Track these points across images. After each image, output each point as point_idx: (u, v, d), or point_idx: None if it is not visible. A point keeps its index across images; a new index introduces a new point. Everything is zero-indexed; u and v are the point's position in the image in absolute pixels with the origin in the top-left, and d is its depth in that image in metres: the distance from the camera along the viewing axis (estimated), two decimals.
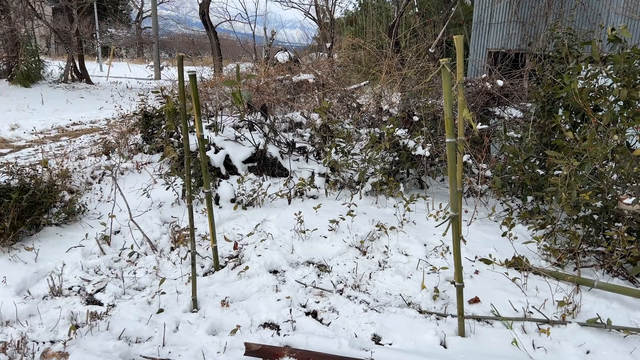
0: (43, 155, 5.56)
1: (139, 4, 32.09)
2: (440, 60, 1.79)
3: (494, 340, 2.16)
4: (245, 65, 9.18)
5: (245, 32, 15.78)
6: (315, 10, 16.76)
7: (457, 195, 2.01)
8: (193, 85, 2.31)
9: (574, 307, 2.34)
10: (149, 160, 4.87)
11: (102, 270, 2.90)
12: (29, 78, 12.55)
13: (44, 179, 3.58)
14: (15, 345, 2.08)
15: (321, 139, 4.57)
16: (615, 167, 2.87)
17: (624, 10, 5.83)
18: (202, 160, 2.59)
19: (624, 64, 2.94)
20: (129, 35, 29.84)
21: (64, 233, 3.36)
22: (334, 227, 3.32)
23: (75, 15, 14.60)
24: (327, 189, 4.07)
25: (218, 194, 3.85)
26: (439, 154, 4.04)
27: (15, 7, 13.12)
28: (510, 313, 2.37)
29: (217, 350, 2.10)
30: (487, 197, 4.01)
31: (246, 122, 4.66)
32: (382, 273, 2.82)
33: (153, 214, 3.68)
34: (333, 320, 2.34)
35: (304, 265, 2.95)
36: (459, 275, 2.11)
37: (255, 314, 2.39)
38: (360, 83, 6.48)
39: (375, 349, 2.07)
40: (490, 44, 7.20)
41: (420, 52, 6.67)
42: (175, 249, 3.16)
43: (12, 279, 2.67)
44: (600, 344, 2.10)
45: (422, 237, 3.28)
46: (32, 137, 7.41)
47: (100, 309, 2.44)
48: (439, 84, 4.88)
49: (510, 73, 5.25)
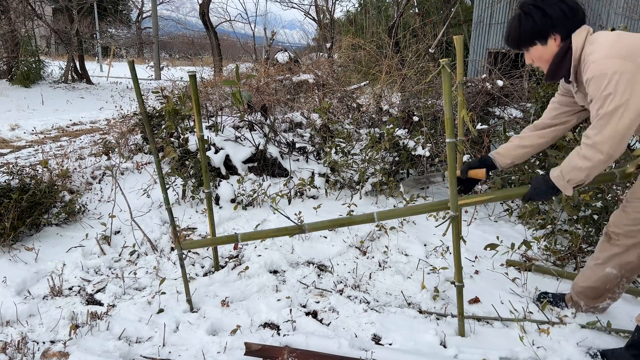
0: (43, 155, 5.56)
1: (139, 4, 32.11)
2: (440, 61, 1.79)
3: (494, 341, 2.16)
4: (245, 65, 9.19)
5: (245, 33, 15.80)
6: (315, 10, 16.77)
7: (457, 195, 2.01)
8: (193, 85, 2.31)
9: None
10: (149, 160, 4.88)
11: (102, 270, 2.91)
12: (29, 78, 12.55)
13: (44, 179, 3.59)
14: (16, 345, 2.08)
15: (321, 139, 4.57)
16: (615, 167, 2.87)
17: (624, 11, 5.84)
18: (202, 161, 2.60)
19: None
20: (129, 36, 29.85)
21: (64, 233, 3.37)
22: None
23: (75, 16, 14.61)
24: (327, 189, 4.08)
25: (218, 194, 3.86)
26: (439, 154, 4.05)
27: (16, 8, 13.13)
28: (511, 312, 2.37)
29: (217, 350, 2.10)
30: None
31: (246, 122, 4.66)
32: (382, 273, 2.82)
33: (153, 214, 3.68)
34: (333, 320, 2.34)
35: (304, 265, 2.95)
36: (459, 275, 2.11)
37: (255, 314, 2.39)
38: (360, 83, 6.48)
39: (376, 349, 2.07)
40: (490, 44, 7.20)
41: (420, 52, 6.68)
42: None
43: (12, 279, 2.67)
44: (601, 345, 2.10)
45: (422, 237, 3.28)
46: (32, 137, 7.41)
47: (101, 309, 2.44)
48: (439, 84, 4.88)
49: (510, 73, 5.25)
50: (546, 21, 1.70)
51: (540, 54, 1.78)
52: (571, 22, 1.70)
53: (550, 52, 1.76)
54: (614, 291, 2.12)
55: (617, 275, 2.05)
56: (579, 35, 1.69)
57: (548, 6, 1.69)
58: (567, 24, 1.70)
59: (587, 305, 2.24)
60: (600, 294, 2.14)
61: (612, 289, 2.11)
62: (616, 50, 1.60)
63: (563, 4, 1.69)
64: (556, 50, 1.75)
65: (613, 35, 1.66)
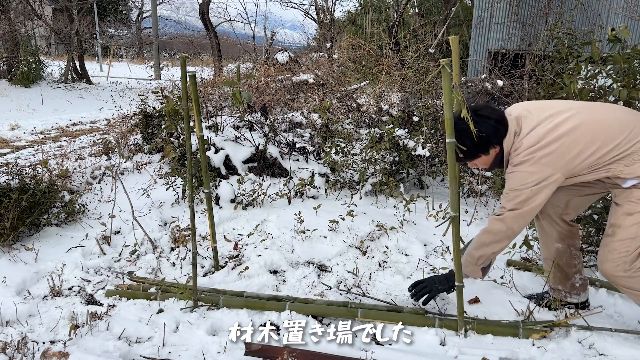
0: (43, 155, 5.56)
1: (139, 4, 32.10)
2: (440, 61, 1.79)
3: (494, 341, 2.16)
4: (245, 65, 9.19)
5: (245, 33, 15.81)
6: (315, 10, 16.76)
7: (457, 195, 2.01)
8: (193, 85, 2.31)
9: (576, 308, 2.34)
10: (149, 160, 4.88)
11: (102, 271, 2.91)
12: (29, 78, 12.54)
13: (44, 179, 3.59)
14: (16, 345, 2.08)
15: (321, 139, 4.57)
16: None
17: (624, 11, 5.83)
18: (202, 161, 2.60)
19: (624, 64, 2.94)
20: (129, 36, 29.86)
21: (64, 233, 3.37)
22: (334, 227, 3.32)
23: (75, 16, 14.60)
24: (327, 189, 4.08)
25: (218, 194, 3.85)
26: (439, 154, 4.04)
27: (15, 8, 13.13)
28: (511, 313, 2.37)
29: (217, 350, 2.10)
30: (487, 197, 4.01)
31: (246, 122, 4.66)
32: (382, 273, 2.82)
33: (153, 214, 3.68)
34: (333, 320, 2.34)
35: (304, 266, 2.95)
36: (459, 275, 2.11)
37: (255, 314, 2.38)
38: (360, 83, 6.48)
39: (376, 349, 2.07)
40: (490, 44, 7.20)
41: (420, 52, 6.67)
42: (175, 249, 3.16)
43: (12, 279, 2.67)
44: (603, 345, 2.10)
45: (422, 237, 3.28)
46: (32, 137, 7.41)
47: (100, 309, 2.44)
48: (439, 84, 4.88)
49: (510, 73, 5.25)
50: (485, 139, 1.99)
51: (484, 161, 2.10)
52: (502, 132, 2.00)
53: (492, 158, 2.08)
54: (573, 264, 2.30)
55: (564, 247, 2.26)
56: (507, 140, 2.00)
57: (482, 126, 1.97)
58: (499, 135, 2.00)
59: (564, 288, 2.35)
60: (565, 270, 2.31)
61: (569, 262, 2.29)
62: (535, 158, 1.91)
63: (491, 120, 2.00)
64: (495, 155, 2.07)
65: (534, 136, 1.93)
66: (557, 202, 2.19)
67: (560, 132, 1.89)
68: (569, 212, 2.23)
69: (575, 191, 2.17)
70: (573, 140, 1.89)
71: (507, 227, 2.02)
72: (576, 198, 2.19)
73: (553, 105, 2.04)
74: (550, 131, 1.90)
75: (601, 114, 1.98)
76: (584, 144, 1.88)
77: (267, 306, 2.39)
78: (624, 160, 1.89)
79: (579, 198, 2.20)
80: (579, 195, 2.19)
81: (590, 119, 1.94)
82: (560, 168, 1.90)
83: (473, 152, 2.05)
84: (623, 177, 1.91)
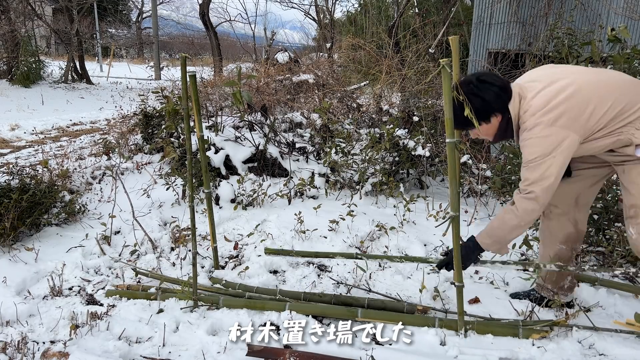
0: (43, 155, 5.56)
1: (139, 4, 32.11)
2: (440, 61, 1.79)
3: (494, 341, 2.15)
4: (246, 65, 9.19)
5: (245, 33, 15.81)
6: (315, 10, 16.76)
7: (457, 195, 2.01)
8: (193, 85, 2.31)
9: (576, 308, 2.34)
10: (149, 160, 4.88)
11: (102, 271, 2.91)
12: (29, 78, 12.55)
13: (44, 179, 3.59)
14: (16, 345, 2.08)
15: (321, 139, 4.57)
16: None
17: (624, 11, 5.83)
18: (203, 161, 2.60)
19: (624, 64, 2.94)
20: (129, 36, 29.86)
21: (64, 233, 3.37)
22: (334, 227, 3.32)
23: (75, 16, 14.60)
24: (327, 189, 4.08)
25: (218, 194, 3.86)
26: (439, 154, 4.04)
27: (15, 8, 13.13)
28: (511, 312, 2.37)
29: (217, 351, 2.10)
30: (487, 197, 4.01)
31: (246, 122, 4.66)
32: (382, 273, 2.82)
33: (153, 214, 3.68)
34: (333, 321, 2.34)
35: (304, 266, 2.95)
36: (458, 275, 2.11)
37: (255, 314, 2.38)
38: (360, 83, 6.48)
39: (376, 349, 2.07)
40: (490, 44, 7.19)
41: (420, 53, 6.66)
42: (175, 249, 3.16)
43: (12, 279, 2.67)
44: (602, 345, 2.10)
45: (422, 237, 3.28)
46: (32, 137, 7.42)
47: (101, 309, 2.44)
48: (439, 84, 4.88)
49: (510, 73, 5.25)
50: (486, 106, 1.91)
51: (486, 130, 2.01)
52: (504, 99, 1.91)
53: (494, 127, 1.99)
54: None
55: (567, 250, 2.25)
56: (513, 104, 1.91)
57: (485, 92, 1.90)
58: (502, 102, 1.92)
59: (553, 287, 2.36)
60: (560, 273, 2.28)
61: (568, 264, 2.23)
62: (547, 117, 1.83)
63: (494, 87, 1.91)
64: (498, 124, 1.98)
65: (544, 97, 1.86)
66: (568, 199, 2.17)
67: (569, 92, 1.84)
68: (580, 209, 2.21)
69: (582, 182, 2.15)
70: (583, 98, 1.83)
71: (540, 204, 1.92)
72: (584, 191, 2.18)
73: (557, 70, 1.99)
74: (559, 92, 1.85)
75: (608, 75, 1.95)
76: (595, 103, 1.83)
77: (267, 306, 2.40)
78: (635, 123, 1.84)
79: (587, 190, 2.18)
80: (586, 187, 2.17)
81: (597, 78, 1.90)
82: (574, 128, 1.83)
83: (479, 115, 1.94)
84: (636, 141, 1.85)
